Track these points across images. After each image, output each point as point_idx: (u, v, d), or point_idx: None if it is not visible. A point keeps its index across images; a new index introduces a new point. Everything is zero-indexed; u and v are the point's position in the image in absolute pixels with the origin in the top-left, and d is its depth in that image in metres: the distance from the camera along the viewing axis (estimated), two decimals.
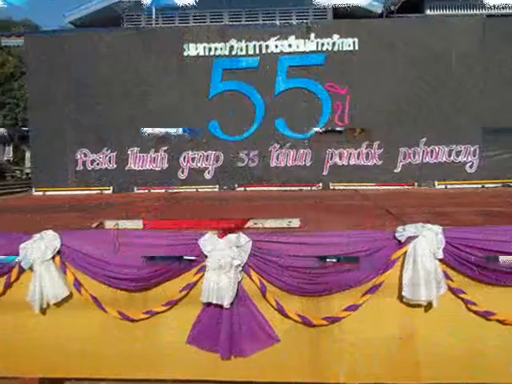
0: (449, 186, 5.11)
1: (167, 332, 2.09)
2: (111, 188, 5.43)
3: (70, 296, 2.08)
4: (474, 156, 5.17)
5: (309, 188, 5.27)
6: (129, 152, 5.43)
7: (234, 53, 5.32)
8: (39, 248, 2.03)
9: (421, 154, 5.22)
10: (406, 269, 1.96)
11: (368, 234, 2.07)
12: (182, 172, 5.46)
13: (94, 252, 2.07)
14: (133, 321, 2.08)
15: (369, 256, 1.99)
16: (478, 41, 5.07)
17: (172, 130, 5.28)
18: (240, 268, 1.99)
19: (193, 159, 5.42)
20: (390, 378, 2.03)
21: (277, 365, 2.05)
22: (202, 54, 5.33)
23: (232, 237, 1.99)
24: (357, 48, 5.23)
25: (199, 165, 5.42)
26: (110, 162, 5.44)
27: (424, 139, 5.22)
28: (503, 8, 8.42)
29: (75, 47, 5.42)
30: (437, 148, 5.20)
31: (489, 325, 2.00)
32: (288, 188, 5.28)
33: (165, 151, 5.42)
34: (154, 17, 8.56)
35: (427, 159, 5.22)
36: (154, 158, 5.43)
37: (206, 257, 1.99)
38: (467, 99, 5.11)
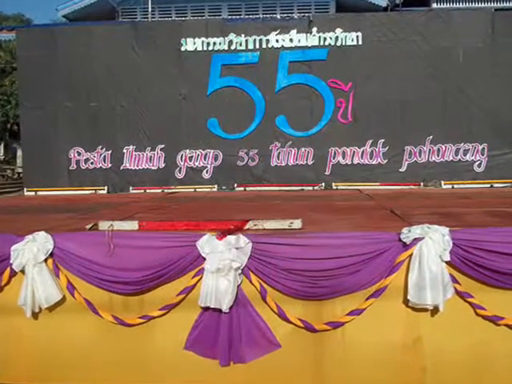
0: (456, 186, 5.02)
1: (164, 337, 2.03)
2: (106, 188, 5.35)
3: (63, 300, 2.02)
4: (483, 155, 5.06)
5: (311, 188, 5.20)
6: (124, 150, 5.34)
7: (233, 47, 5.22)
8: (31, 250, 1.97)
9: (427, 153, 5.12)
10: (411, 272, 1.89)
11: (372, 235, 2.00)
12: (180, 171, 5.37)
13: (88, 254, 2.01)
14: (128, 325, 2.02)
15: (373, 258, 1.92)
16: (487, 36, 4.97)
17: None
18: (239, 271, 1.93)
19: (190, 158, 5.34)
20: (394, 383, 1.97)
21: (278, 370, 2.00)
22: (199, 48, 5.24)
23: (231, 238, 1.94)
24: (360, 42, 5.13)
25: (197, 164, 5.34)
26: (104, 160, 5.35)
27: (430, 137, 5.12)
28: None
29: (68, 42, 5.33)
30: (443, 146, 5.10)
31: (497, 329, 1.94)
32: (289, 188, 5.21)
33: (161, 149, 5.34)
34: (150, 10, 8.42)
35: (433, 158, 5.12)
36: (151, 156, 5.34)
37: (205, 259, 1.93)
38: (475, 96, 5.00)
